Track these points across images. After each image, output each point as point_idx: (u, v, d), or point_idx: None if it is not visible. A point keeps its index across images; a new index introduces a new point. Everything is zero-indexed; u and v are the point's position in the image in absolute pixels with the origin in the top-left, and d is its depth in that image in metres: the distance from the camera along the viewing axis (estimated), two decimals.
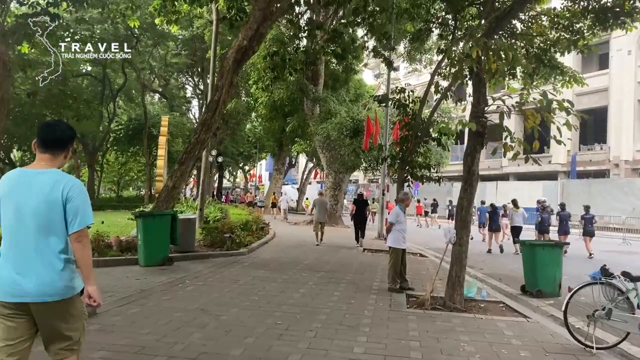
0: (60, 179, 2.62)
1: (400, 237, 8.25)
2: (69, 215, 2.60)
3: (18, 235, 2.57)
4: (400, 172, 13.84)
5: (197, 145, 12.47)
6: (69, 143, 2.77)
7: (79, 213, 2.61)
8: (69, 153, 2.80)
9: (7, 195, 2.61)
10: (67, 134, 2.77)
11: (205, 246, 12.51)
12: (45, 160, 2.69)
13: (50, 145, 2.70)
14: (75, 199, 2.61)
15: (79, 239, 2.61)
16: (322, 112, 24.12)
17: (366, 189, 55.98)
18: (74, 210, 2.60)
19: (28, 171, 2.66)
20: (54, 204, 2.57)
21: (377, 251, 14.20)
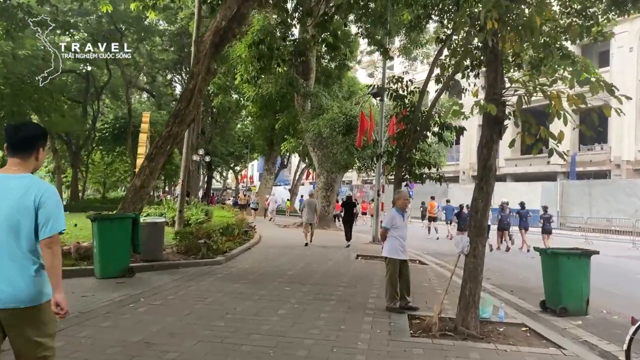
0: (32, 185, 2.55)
1: (397, 244, 6.87)
2: (40, 222, 2.52)
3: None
4: (397, 170, 12.48)
5: (168, 140, 11.07)
6: (37, 143, 2.67)
7: (51, 219, 2.53)
8: (39, 154, 2.68)
9: None
10: (34, 133, 2.68)
11: (179, 253, 11.11)
12: (16, 164, 2.62)
13: (17, 148, 2.62)
14: (47, 205, 2.54)
15: (49, 245, 2.54)
16: (314, 108, 22.74)
17: (360, 190, 54.67)
18: (45, 216, 2.53)
19: (1, 176, 2.58)
20: (25, 209, 2.51)
21: (372, 257, 12.83)
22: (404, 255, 6.91)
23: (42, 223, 2.52)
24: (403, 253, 6.88)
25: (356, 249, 14.69)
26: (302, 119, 23.09)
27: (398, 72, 39.97)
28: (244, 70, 18.27)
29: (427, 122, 11.95)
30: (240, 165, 63.03)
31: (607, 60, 36.59)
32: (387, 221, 7.11)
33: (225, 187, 73.03)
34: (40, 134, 2.70)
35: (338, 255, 12.85)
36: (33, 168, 2.67)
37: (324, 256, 12.56)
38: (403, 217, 6.97)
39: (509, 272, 11.74)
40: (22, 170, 2.61)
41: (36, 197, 2.53)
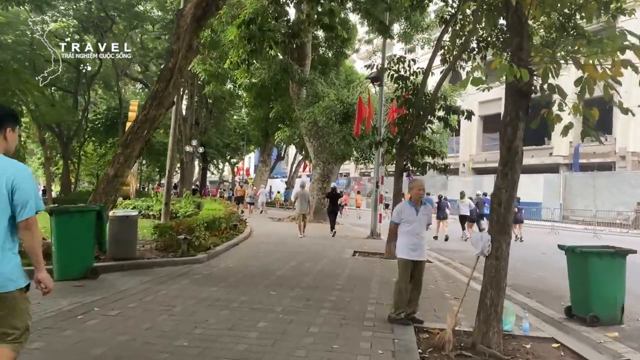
0: (5, 166, 2.49)
1: (408, 242, 5.74)
2: (17, 204, 2.48)
3: None
4: (398, 159, 11.42)
5: (145, 124, 9.96)
6: (4, 124, 2.62)
7: (29, 200, 2.49)
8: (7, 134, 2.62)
9: None
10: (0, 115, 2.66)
11: (158, 250, 10.05)
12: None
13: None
14: (23, 186, 2.49)
15: (28, 227, 2.51)
16: (309, 96, 21.60)
17: (358, 182, 53.62)
18: (22, 198, 2.48)
19: None
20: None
21: (371, 254, 11.77)
22: (416, 254, 5.74)
23: (20, 205, 2.47)
24: (416, 252, 5.73)
25: (353, 245, 13.63)
26: (297, 107, 21.95)
27: None
28: (234, 53, 17.11)
29: (432, 106, 10.88)
30: (236, 158, 61.93)
31: None
32: (394, 215, 6.06)
33: (222, 180, 71.90)
34: (7, 115, 2.68)
35: (333, 252, 11.79)
36: (3, 150, 2.59)
37: (318, 253, 11.50)
38: (416, 210, 5.82)
39: (522, 270, 10.68)
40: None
41: (9, 178, 2.45)
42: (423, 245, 5.81)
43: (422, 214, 5.80)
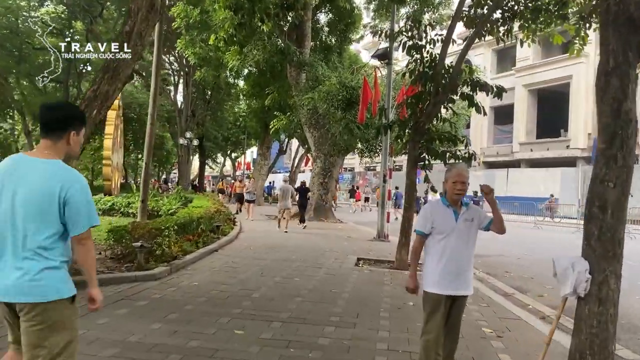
0: (59, 173, 2.32)
1: (442, 266, 3.55)
2: (72, 216, 2.29)
3: (7, 228, 2.29)
4: (411, 147, 9.32)
5: (94, 102, 7.90)
6: (70, 125, 2.41)
7: (83, 213, 2.32)
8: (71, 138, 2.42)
9: (2, 182, 2.33)
10: (65, 114, 2.45)
11: (112, 260, 8.06)
12: (46, 147, 2.38)
13: (48, 129, 2.40)
14: (78, 198, 2.31)
15: (82, 242, 2.35)
16: (309, 81, 19.47)
17: (362, 177, 51.49)
18: (76, 210, 2.30)
19: (28, 158, 2.35)
20: (48, 198, 2.27)
21: (377, 263, 9.71)
22: (455, 286, 3.55)
23: (74, 218, 2.30)
24: (454, 282, 3.54)
25: (357, 248, 11.58)
26: (295, 93, 19.83)
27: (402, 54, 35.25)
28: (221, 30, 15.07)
29: (454, 81, 8.77)
30: (237, 152, 59.98)
31: None
32: (419, 221, 3.71)
33: (223, 175, 69.98)
34: (73, 116, 2.48)
35: (332, 260, 9.72)
36: (65, 153, 2.43)
37: (314, 261, 9.43)
38: (454, 214, 3.59)
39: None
40: (52, 154, 2.37)
41: (63, 187, 2.28)
42: (467, 271, 3.61)
43: (466, 220, 3.61)
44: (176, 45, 22.53)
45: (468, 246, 3.62)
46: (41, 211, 2.27)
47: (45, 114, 2.43)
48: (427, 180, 9.26)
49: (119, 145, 20.70)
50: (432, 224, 3.59)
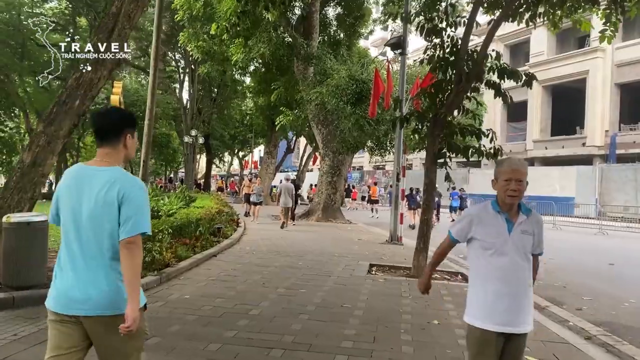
0: (118, 179, 2.26)
1: (490, 293, 2.64)
2: (122, 219, 2.21)
3: (72, 240, 2.25)
4: (430, 141, 8.42)
5: (77, 91, 7.07)
6: (124, 128, 2.37)
7: (132, 218, 2.21)
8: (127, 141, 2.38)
9: (65, 194, 2.31)
10: (119, 118, 2.40)
11: None
12: (103, 155, 2.34)
13: (103, 137, 2.35)
14: (131, 201, 2.23)
15: (127, 247, 2.20)
16: (317, 75, 18.56)
17: (371, 176, 50.51)
18: (127, 214, 2.21)
19: (87, 168, 2.33)
20: (108, 206, 2.22)
21: (392, 269, 8.82)
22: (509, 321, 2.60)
23: (123, 221, 2.20)
24: (509, 315, 2.59)
25: (368, 252, 10.68)
26: (302, 88, 18.91)
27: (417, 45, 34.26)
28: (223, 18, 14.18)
29: (479, 67, 7.85)
30: (245, 151, 59.26)
31: None
32: (456, 226, 2.82)
33: (231, 174, 69.30)
34: (125, 118, 2.42)
35: (342, 266, 8.81)
36: (124, 158, 2.40)
37: (322, 268, 8.53)
38: (507, 223, 2.66)
39: (623, 299, 7.67)
40: (111, 161, 2.34)
41: (119, 192, 2.22)
42: (525, 299, 2.66)
43: (523, 232, 2.67)
44: (178, 38, 21.69)
45: (526, 266, 2.71)
46: (106, 221, 2.22)
47: (98, 120, 2.39)
48: (448, 179, 8.34)
49: None
50: (473, 234, 2.69)
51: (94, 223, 2.21)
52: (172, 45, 37.33)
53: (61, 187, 2.34)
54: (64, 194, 2.32)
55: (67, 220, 2.28)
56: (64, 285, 2.23)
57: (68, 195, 2.29)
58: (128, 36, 7.81)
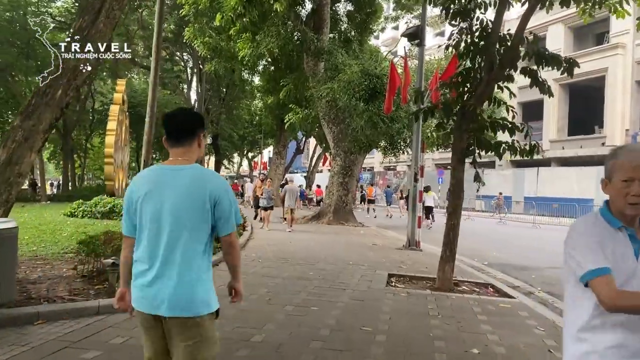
0: (203, 176, 2.29)
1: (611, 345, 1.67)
2: (222, 216, 2.28)
3: (156, 240, 2.24)
4: (457, 136, 7.50)
5: (60, 80, 6.26)
6: (198, 129, 2.42)
7: (232, 214, 2.31)
8: (201, 140, 2.43)
9: (145, 195, 2.29)
10: (193, 119, 2.45)
11: (83, 279, 6.41)
12: (180, 155, 2.35)
13: (179, 136, 2.37)
14: (225, 200, 2.28)
15: (230, 242, 2.35)
16: (327, 70, 17.67)
17: (382, 177, 49.52)
18: (226, 211, 2.28)
19: (166, 168, 2.33)
20: (200, 203, 2.23)
21: (414, 281, 7.89)
22: None
23: (223, 219, 2.28)
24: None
25: (385, 259, 9.75)
26: (312, 84, 18.03)
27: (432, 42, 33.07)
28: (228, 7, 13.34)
29: (514, 52, 6.92)
30: (254, 152, 58.56)
31: None
32: (591, 253, 1.70)
33: (240, 175, 68.60)
34: (199, 119, 2.48)
35: (358, 277, 7.88)
36: (197, 157, 2.41)
37: (336, 279, 7.63)
38: (634, 242, 1.73)
39: None
40: (188, 160, 2.34)
41: (212, 191, 2.26)
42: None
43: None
44: (184, 33, 20.93)
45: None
46: (192, 218, 2.23)
47: (174, 121, 2.40)
48: (478, 179, 7.41)
49: (123, 142, 19.18)
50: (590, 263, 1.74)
51: (179, 220, 2.21)
52: (180, 44, 36.68)
53: (138, 193, 2.30)
54: (143, 199, 2.28)
55: (149, 220, 2.25)
56: (145, 284, 2.22)
57: (149, 197, 2.27)
58: (118, 19, 6.99)
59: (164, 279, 2.18)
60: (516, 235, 18.26)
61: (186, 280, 2.18)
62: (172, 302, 2.16)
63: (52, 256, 8.31)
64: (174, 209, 2.21)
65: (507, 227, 22.26)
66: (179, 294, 2.16)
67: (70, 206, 16.81)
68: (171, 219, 2.21)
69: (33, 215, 16.17)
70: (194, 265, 2.21)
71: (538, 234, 19.24)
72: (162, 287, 2.18)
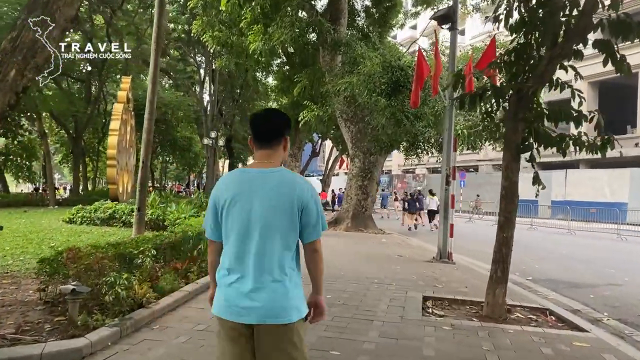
0: (291, 181, 2.25)
1: None
2: (309, 222, 2.25)
3: (244, 246, 2.19)
4: (510, 127, 6.05)
5: (12, 57, 4.98)
6: (285, 131, 2.38)
7: (319, 220, 2.27)
8: (287, 143, 2.39)
9: (232, 200, 2.24)
10: (280, 121, 2.39)
11: (44, 307, 5.13)
12: (266, 157, 2.33)
13: (266, 139, 2.34)
14: (314, 203, 2.26)
15: (315, 248, 2.32)
16: (345, 64, 16.29)
17: (401, 180, 47.93)
18: (313, 217, 2.25)
19: (253, 171, 2.28)
20: (286, 209, 2.20)
21: (453, 305, 6.47)
22: None
23: (311, 224, 2.25)
24: None
25: (416, 278, 8.29)
26: (328, 79, 16.66)
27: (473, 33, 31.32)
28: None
29: (587, 21, 5.48)
30: None
31: None
32: None
33: None
34: (287, 122, 2.41)
35: (386, 303, 6.40)
36: (281, 160, 2.38)
37: (359, 306, 6.19)
38: None
39: None
40: (273, 163, 2.31)
41: (300, 196, 2.22)
42: None
43: None
44: (191, 27, 19.75)
45: None
46: (281, 224, 2.19)
47: (262, 123, 2.37)
48: (537, 181, 5.98)
49: (128, 143, 18.03)
50: None
51: (268, 225, 2.17)
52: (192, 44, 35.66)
53: (224, 197, 2.26)
54: (229, 204, 2.23)
55: (237, 225, 2.20)
56: (234, 292, 2.17)
57: (236, 202, 2.22)
58: None
59: (254, 286, 2.14)
60: (552, 242, 16.67)
61: (277, 286, 2.15)
62: (264, 310, 2.11)
63: (25, 273, 7.07)
64: (263, 214, 2.18)
65: (537, 232, 20.63)
66: (270, 301, 2.12)
67: (69, 212, 15.66)
68: (260, 225, 2.17)
69: (29, 222, 15.05)
70: (284, 271, 2.18)
71: (574, 241, 17.62)
72: (252, 294, 2.13)
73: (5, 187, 36.28)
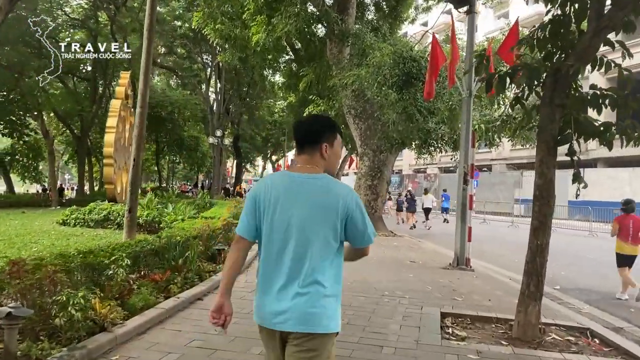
0: (335, 187, 2.20)
1: None
2: (356, 233, 2.20)
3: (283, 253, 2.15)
4: (546, 115, 5.09)
5: None
6: (321, 138, 2.28)
7: (366, 227, 2.22)
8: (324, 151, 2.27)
9: (272, 204, 2.18)
10: (317, 127, 2.32)
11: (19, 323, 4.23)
12: (304, 162, 2.29)
13: (302, 143, 2.32)
14: (357, 212, 2.19)
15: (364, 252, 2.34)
16: (354, 57, 15.35)
17: (412, 180, 46.85)
18: (359, 226, 2.19)
19: (294, 175, 2.23)
20: (327, 218, 2.14)
21: (476, 323, 5.54)
22: None
23: (359, 234, 2.21)
24: None
25: (433, 289, 7.34)
26: (336, 72, 15.73)
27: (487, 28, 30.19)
28: None
29: None
30: (278, 154, 56.74)
31: None
32: None
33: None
34: (325, 128, 2.31)
35: (399, 322, 5.47)
36: (326, 166, 2.30)
37: (367, 326, 5.25)
38: None
39: None
40: (316, 169, 2.26)
41: (343, 205, 2.16)
42: None
43: None
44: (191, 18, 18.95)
45: None
46: (321, 232, 2.14)
47: (298, 128, 2.35)
48: (577, 178, 5.03)
49: (127, 142, 17.24)
50: None
51: (307, 232, 2.13)
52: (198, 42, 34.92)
53: (264, 200, 2.21)
54: (268, 208, 2.19)
55: (275, 230, 2.16)
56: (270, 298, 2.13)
57: (276, 207, 2.17)
58: None
59: (291, 294, 2.09)
60: (574, 245, 15.64)
61: (314, 295, 2.09)
62: (301, 318, 2.07)
63: None
64: (303, 221, 2.13)
65: (556, 234, 19.42)
66: (308, 309, 2.07)
67: (63, 213, 14.92)
68: (300, 232, 2.13)
69: (20, 224, 14.32)
70: (322, 279, 2.12)
71: (598, 244, 16.53)
72: (289, 302, 2.08)
73: (10, 188, 35.81)
